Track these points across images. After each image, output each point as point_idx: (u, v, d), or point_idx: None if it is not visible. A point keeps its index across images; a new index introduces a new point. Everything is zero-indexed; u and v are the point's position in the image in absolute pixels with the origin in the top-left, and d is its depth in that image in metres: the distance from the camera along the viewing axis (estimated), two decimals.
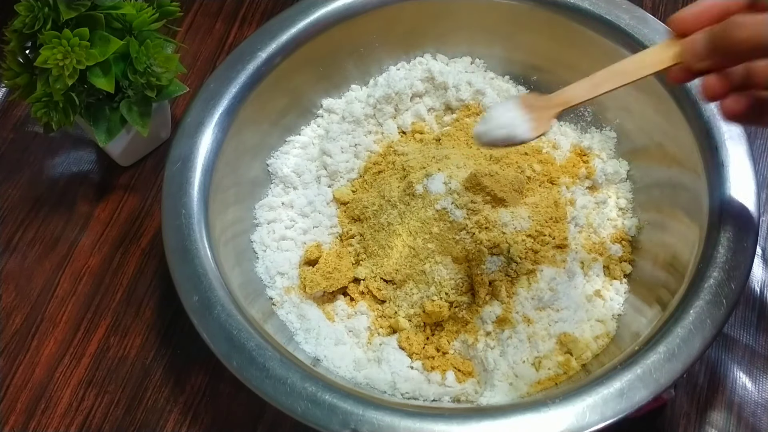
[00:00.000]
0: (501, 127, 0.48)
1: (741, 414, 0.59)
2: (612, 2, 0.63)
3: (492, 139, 0.49)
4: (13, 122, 0.76)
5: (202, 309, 0.53)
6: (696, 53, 0.44)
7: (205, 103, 0.61)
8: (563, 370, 0.56)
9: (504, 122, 0.48)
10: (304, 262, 0.62)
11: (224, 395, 0.61)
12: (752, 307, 0.63)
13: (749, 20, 0.41)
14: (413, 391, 0.56)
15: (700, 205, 0.55)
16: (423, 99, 0.70)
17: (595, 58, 0.63)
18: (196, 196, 0.57)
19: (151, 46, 0.62)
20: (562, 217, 0.61)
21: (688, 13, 0.45)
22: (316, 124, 0.70)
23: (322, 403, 0.48)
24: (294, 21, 0.65)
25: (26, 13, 0.59)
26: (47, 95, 0.60)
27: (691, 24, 0.45)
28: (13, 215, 0.71)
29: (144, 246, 0.69)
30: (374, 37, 0.69)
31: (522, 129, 0.48)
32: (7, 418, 0.61)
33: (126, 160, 0.73)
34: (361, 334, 0.60)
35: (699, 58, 0.44)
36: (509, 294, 0.58)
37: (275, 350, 0.51)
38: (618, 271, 0.61)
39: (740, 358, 0.61)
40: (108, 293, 0.66)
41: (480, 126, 0.49)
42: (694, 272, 0.52)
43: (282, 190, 0.66)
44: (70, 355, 0.64)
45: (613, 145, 0.67)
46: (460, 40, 0.70)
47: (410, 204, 0.60)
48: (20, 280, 0.67)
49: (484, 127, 0.49)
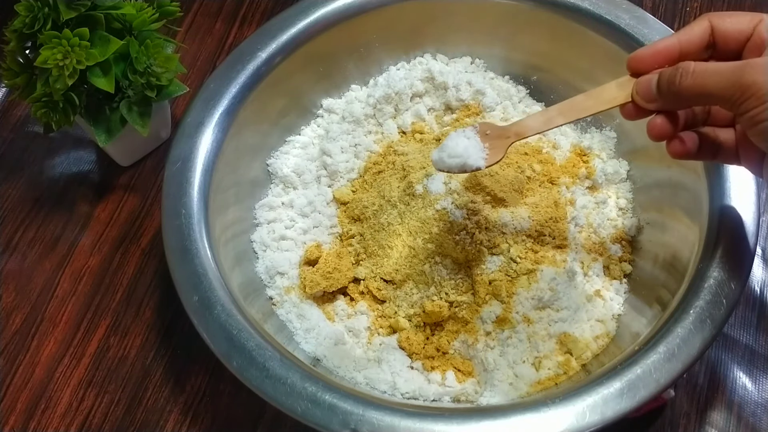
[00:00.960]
0: (455, 156, 0.51)
1: (741, 414, 0.59)
2: (612, 2, 0.63)
3: (447, 166, 0.52)
4: (13, 122, 0.76)
5: (202, 309, 0.53)
6: (646, 94, 0.46)
7: (205, 103, 0.61)
8: (563, 370, 0.56)
9: (458, 151, 0.51)
10: (304, 262, 0.62)
11: (224, 395, 0.61)
12: (752, 307, 0.63)
13: (695, 68, 0.43)
14: (413, 391, 0.56)
15: (700, 205, 0.55)
16: (423, 99, 0.70)
17: (595, 58, 0.64)
18: (196, 196, 0.57)
19: (151, 46, 0.62)
20: (562, 217, 0.61)
21: (645, 53, 0.47)
22: (316, 124, 0.70)
23: (322, 403, 0.48)
24: (294, 21, 0.65)
25: (26, 13, 0.59)
26: (47, 95, 0.60)
27: (647, 64, 0.47)
28: (13, 215, 0.71)
29: (144, 246, 0.69)
30: (374, 37, 0.69)
31: (475, 158, 0.51)
32: (7, 418, 0.61)
33: (126, 160, 0.73)
34: (361, 334, 0.60)
35: (648, 99, 0.46)
36: (509, 294, 0.58)
37: (275, 350, 0.51)
38: (618, 271, 0.61)
39: (740, 358, 0.61)
40: (108, 293, 0.66)
41: (436, 153, 0.52)
42: (694, 272, 0.52)
43: (282, 190, 0.66)
44: (70, 355, 0.64)
45: (613, 145, 0.67)
46: (460, 40, 0.70)
47: (410, 204, 0.60)
48: (20, 280, 0.67)
49: (439, 154, 0.52)
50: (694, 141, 0.48)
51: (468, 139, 0.51)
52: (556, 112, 0.50)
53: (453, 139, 0.51)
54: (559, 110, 0.50)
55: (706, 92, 0.43)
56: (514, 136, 0.51)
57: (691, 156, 0.48)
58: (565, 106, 0.50)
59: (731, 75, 0.41)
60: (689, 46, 0.46)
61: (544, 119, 0.50)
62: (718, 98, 0.43)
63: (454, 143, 0.51)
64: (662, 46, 0.46)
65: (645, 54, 0.47)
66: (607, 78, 0.49)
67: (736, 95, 0.41)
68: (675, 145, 0.47)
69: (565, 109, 0.50)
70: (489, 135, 0.51)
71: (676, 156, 0.48)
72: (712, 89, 0.42)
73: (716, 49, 0.46)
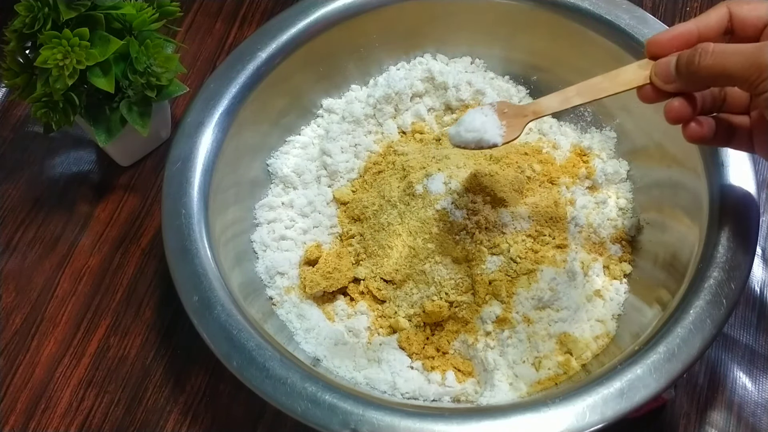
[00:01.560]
0: (473, 131, 0.52)
1: (741, 414, 0.59)
2: (612, 2, 0.63)
3: (463, 141, 0.52)
4: (13, 122, 0.76)
5: (202, 309, 0.53)
6: (664, 76, 0.46)
7: (205, 103, 0.61)
8: (563, 370, 0.56)
9: (476, 126, 0.51)
10: (304, 262, 0.62)
11: (224, 395, 0.61)
12: (752, 307, 0.63)
13: (715, 48, 0.43)
14: (413, 391, 0.56)
15: (700, 205, 0.55)
16: (423, 99, 0.70)
17: (595, 58, 0.64)
18: (196, 196, 0.57)
19: (151, 46, 0.62)
20: (562, 217, 0.61)
21: (664, 37, 0.47)
22: (316, 124, 0.70)
23: (322, 403, 0.48)
24: (294, 21, 0.65)
25: (26, 13, 0.59)
26: (47, 95, 0.60)
27: (664, 47, 0.47)
28: (13, 215, 0.71)
29: (144, 246, 0.69)
30: (374, 37, 0.69)
31: (492, 134, 0.51)
32: (7, 418, 0.61)
33: (126, 160, 0.73)
34: (361, 334, 0.60)
35: (667, 81, 0.46)
36: (509, 294, 0.58)
37: (275, 350, 0.51)
38: (618, 271, 0.61)
39: (740, 358, 0.61)
40: (108, 293, 0.66)
41: (453, 127, 0.53)
42: (694, 272, 0.52)
43: (282, 190, 0.66)
44: (70, 355, 0.64)
45: (613, 145, 0.67)
46: (460, 40, 0.70)
47: (410, 204, 0.60)
48: (20, 280, 0.67)
49: (456, 129, 0.52)
50: (710, 125, 0.48)
51: (486, 116, 0.52)
52: (573, 93, 0.50)
53: (471, 114, 0.52)
54: (576, 90, 0.50)
55: (725, 72, 0.43)
56: (531, 114, 0.52)
57: (706, 140, 0.48)
58: (582, 87, 0.50)
59: (750, 55, 0.42)
60: (707, 30, 0.46)
61: (561, 98, 0.51)
62: (736, 78, 0.43)
63: (472, 118, 0.52)
64: (680, 30, 0.47)
65: (663, 38, 0.47)
66: None
67: (755, 75, 0.42)
68: (692, 129, 0.47)
69: (582, 90, 0.50)
70: (506, 113, 0.52)
71: (692, 140, 0.48)
72: (731, 69, 0.43)
73: (734, 34, 0.47)
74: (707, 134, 0.48)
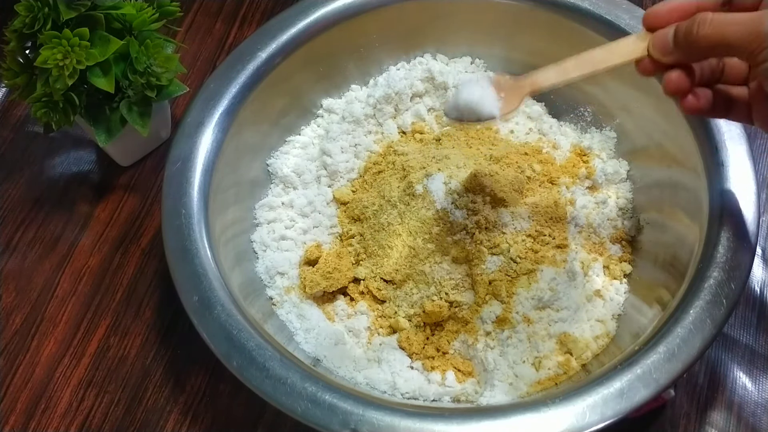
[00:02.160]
0: (469, 102, 0.50)
1: (741, 414, 0.59)
2: (612, 2, 0.63)
3: (460, 114, 0.50)
4: (13, 122, 0.76)
5: (202, 309, 0.53)
6: (662, 47, 0.46)
7: (205, 103, 0.61)
8: (563, 370, 0.56)
9: (473, 98, 0.50)
10: (304, 262, 0.62)
11: (224, 395, 0.61)
12: (752, 307, 0.63)
13: (714, 18, 0.43)
14: (413, 391, 0.56)
15: (700, 205, 0.55)
16: (423, 99, 0.70)
17: None
18: (196, 196, 0.57)
19: (151, 46, 0.62)
20: (562, 217, 0.61)
21: (662, 9, 0.47)
22: (316, 124, 0.70)
23: (322, 403, 0.48)
24: (294, 21, 0.65)
25: (26, 13, 0.59)
26: (47, 95, 0.60)
27: (662, 19, 0.46)
28: (13, 215, 0.71)
29: (144, 246, 0.69)
30: (374, 37, 0.69)
31: (489, 107, 0.50)
32: (7, 418, 0.61)
33: (126, 160, 0.73)
34: (361, 334, 0.60)
35: (665, 52, 0.46)
36: (509, 294, 0.58)
37: (275, 350, 0.51)
38: (618, 271, 0.61)
39: (740, 358, 0.61)
40: (108, 293, 0.66)
41: (450, 100, 0.51)
42: (694, 272, 0.52)
43: (282, 190, 0.66)
44: (70, 355, 0.64)
45: (613, 145, 0.67)
46: (460, 40, 0.70)
47: (410, 204, 0.60)
48: (20, 280, 0.67)
49: (452, 101, 0.50)
50: (707, 97, 0.47)
51: (482, 88, 0.50)
52: (571, 64, 0.49)
53: (466, 85, 0.50)
54: (575, 62, 0.49)
55: (723, 42, 0.42)
56: (528, 86, 0.50)
57: (703, 112, 0.48)
58: (580, 58, 0.49)
59: (749, 24, 0.41)
60: (706, 1, 0.46)
61: (558, 70, 0.50)
62: (735, 48, 0.42)
63: (469, 91, 0.50)
64: (679, 1, 0.46)
65: (661, 9, 0.47)
66: (607, 77, 0.49)
67: (754, 44, 0.41)
68: (689, 101, 0.47)
69: (581, 62, 0.49)
70: (503, 86, 0.51)
71: (689, 111, 0.47)
72: (730, 38, 0.42)
73: (732, 4, 0.46)
74: (704, 106, 0.47)
